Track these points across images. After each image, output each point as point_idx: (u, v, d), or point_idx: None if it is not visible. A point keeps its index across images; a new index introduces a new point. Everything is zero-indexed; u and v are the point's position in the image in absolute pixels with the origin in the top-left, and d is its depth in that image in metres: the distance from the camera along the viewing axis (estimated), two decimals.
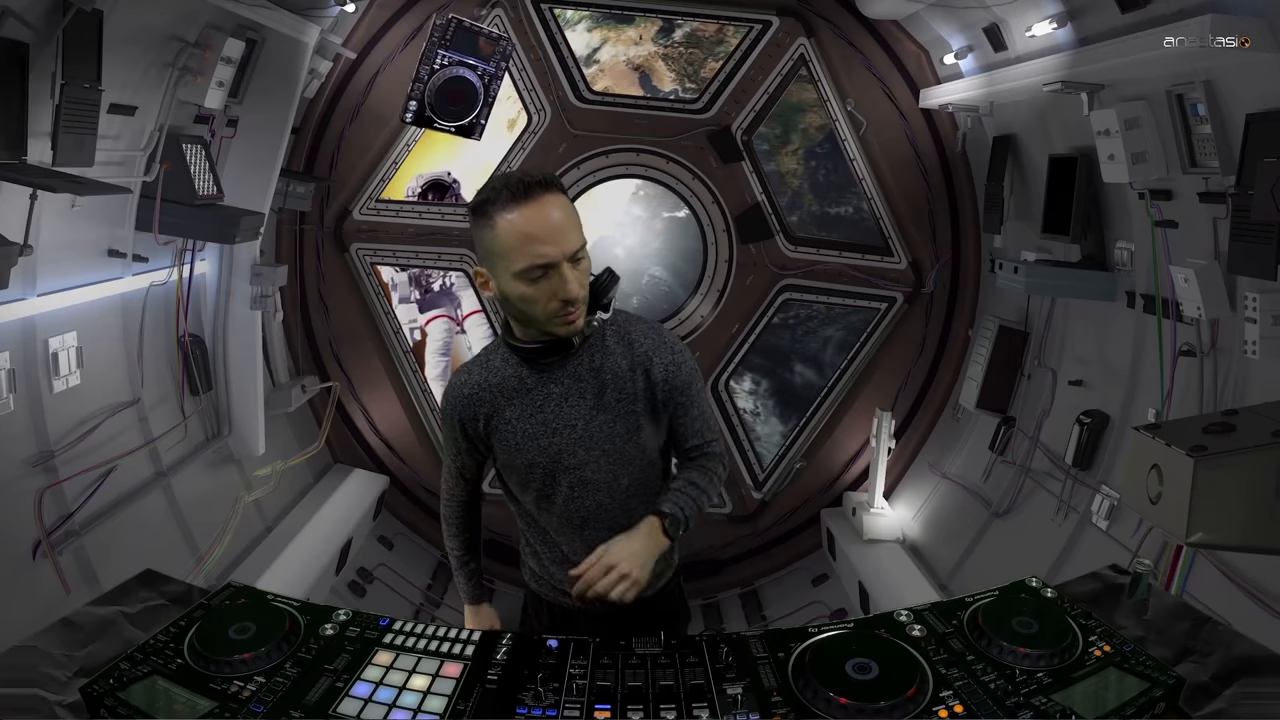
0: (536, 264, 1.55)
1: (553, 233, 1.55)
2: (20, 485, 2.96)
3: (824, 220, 5.75)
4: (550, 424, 1.76)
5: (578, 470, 1.80)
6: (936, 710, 1.24)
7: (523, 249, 1.55)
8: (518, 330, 1.74)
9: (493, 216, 1.57)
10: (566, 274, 1.57)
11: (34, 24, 2.61)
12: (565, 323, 1.64)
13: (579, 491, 1.82)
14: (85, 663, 1.38)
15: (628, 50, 5.67)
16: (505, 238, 1.56)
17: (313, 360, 5.48)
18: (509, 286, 1.61)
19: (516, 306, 1.64)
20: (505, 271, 1.59)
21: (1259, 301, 2.74)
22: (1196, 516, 2.04)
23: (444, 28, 4.43)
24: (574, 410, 1.75)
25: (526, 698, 1.30)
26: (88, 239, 3.35)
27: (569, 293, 1.58)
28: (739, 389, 6.03)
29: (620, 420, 1.75)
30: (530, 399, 1.77)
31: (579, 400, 1.75)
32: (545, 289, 1.58)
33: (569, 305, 1.60)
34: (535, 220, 1.54)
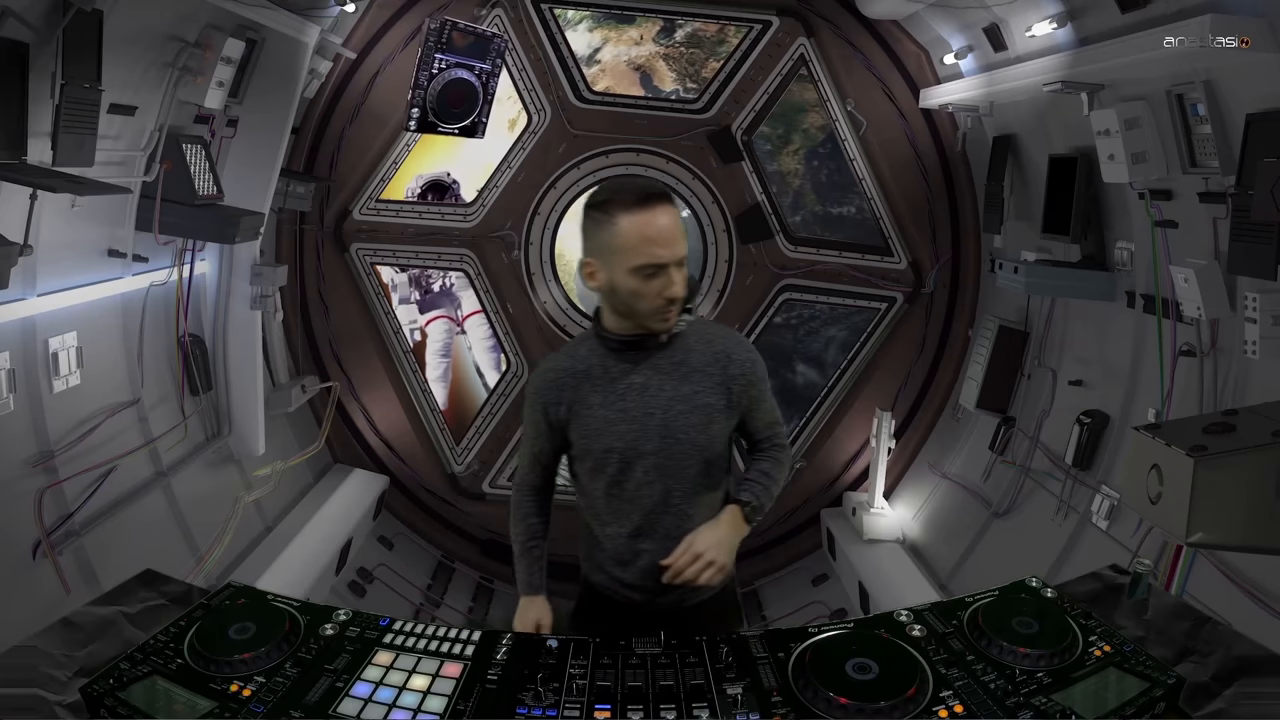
0: (652, 263, 1.72)
1: (668, 239, 1.72)
2: (20, 485, 2.96)
3: (827, 220, 5.74)
4: (630, 412, 1.87)
5: (652, 456, 1.89)
6: (936, 710, 1.24)
7: (641, 249, 1.71)
8: (612, 323, 1.88)
9: (614, 215, 1.73)
10: (674, 276, 1.75)
11: (34, 24, 2.61)
12: (664, 319, 1.81)
13: (651, 477, 1.90)
14: (85, 663, 1.38)
15: (629, 50, 5.67)
16: (626, 236, 1.72)
17: (313, 360, 5.48)
18: (621, 280, 1.76)
19: (624, 300, 1.80)
20: (620, 266, 1.74)
21: (1259, 301, 2.74)
22: (1196, 516, 2.04)
23: (438, 31, 4.42)
24: (654, 400, 1.87)
25: (526, 698, 1.30)
26: (88, 239, 3.35)
27: (675, 292, 1.76)
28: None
29: (696, 411, 1.87)
30: (614, 388, 1.89)
31: (659, 391, 1.87)
32: (654, 287, 1.74)
33: (671, 304, 1.78)
34: (654, 225, 1.72)
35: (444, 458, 5.78)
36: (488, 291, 5.66)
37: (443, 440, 5.78)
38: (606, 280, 1.79)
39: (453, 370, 6.24)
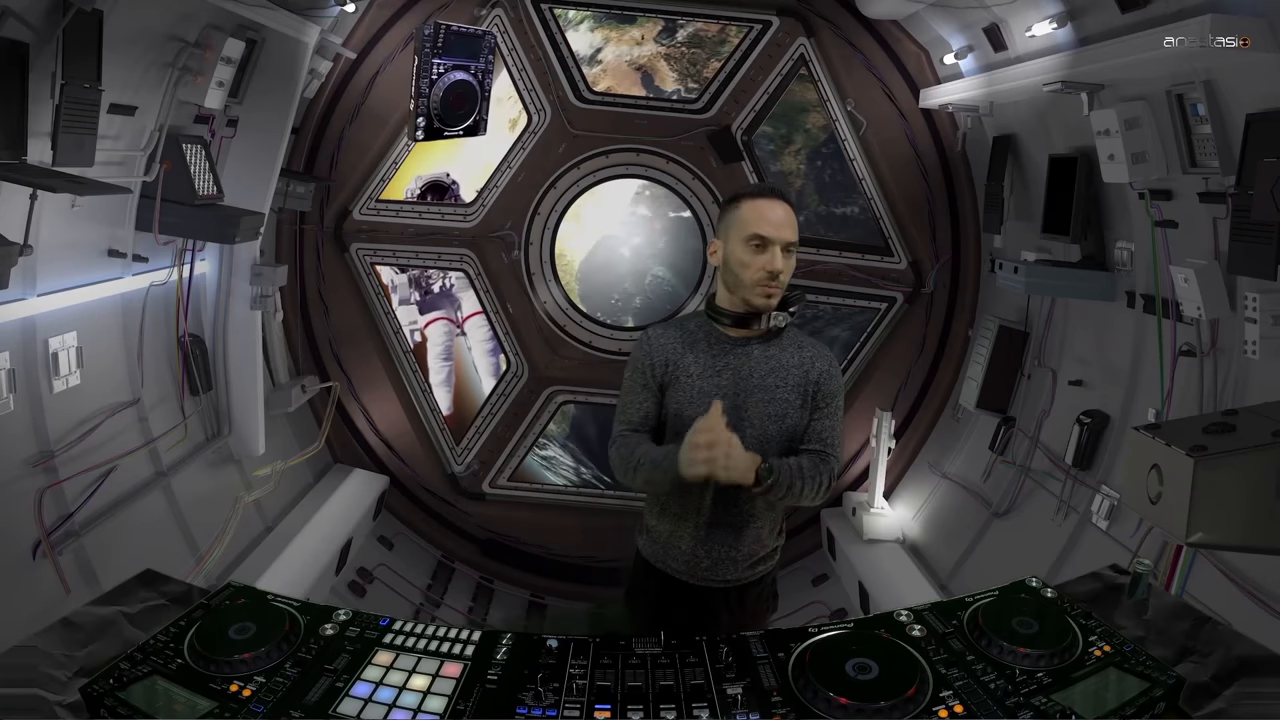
0: (760, 234, 2.01)
1: (776, 221, 2.03)
2: (20, 485, 2.96)
3: (830, 220, 5.73)
4: (723, 387, 2.08)
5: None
6: (936, 710, 1.24)
7: (753, 223, 2.03)
8: (723, 298, 2.14)
9: (741, 201, 2.08)
10: (777, 253, 2.01)
11: (34, 24, 2.61)
12: (765, 294, 2.04)
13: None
14: (85, 663, 1.38)
15: (630, 50, 5.67)
16: (745, 214, 2.05)
17: (313, 360, 5.48)
18: (734, 251, 2.05)
19: (733, 270, 2.06)
20: (736, 238, 2.04)
21: (1259, 301, 2.74)
22: (1196, 516, 2.04)
23: (432, 37, 4.42)
24: (744, 383, 2.08)
25: (526, 698, 1.30)
26: (88, 239, 3.35)
27: (775, 265, 2.00)
28: None
29: (776, 403, 2.07)
30: (713, 360, 2.10)
31: (748, 376, 2.08)
32: (760, 259, 2.02)
33: (772, 278, 2.01)
34: (768, 209, 2.05)
35: (444, 458, 5.78)
36: (488, 291, 5.66)
37: (443, 440, 5.78)
38: (723, 254, 2.09)
39: (455, 374, 6.22)
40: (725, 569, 2.16)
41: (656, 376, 2.12)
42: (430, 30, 4.38)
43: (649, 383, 2.13)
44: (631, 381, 2.16)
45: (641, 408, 2.14)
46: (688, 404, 2.08)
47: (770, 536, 2.22)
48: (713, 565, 2.15)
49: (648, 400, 2.14)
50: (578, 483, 6.08)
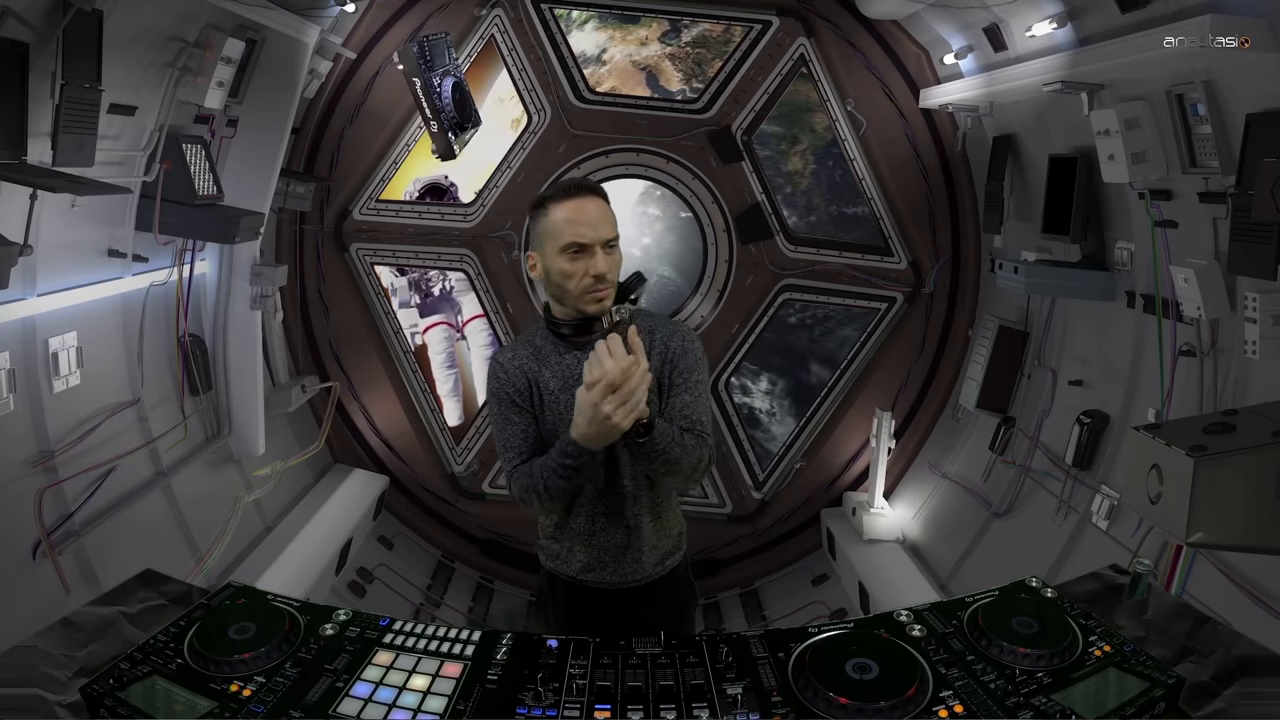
0: (576, 242, 1.88)
1: (590, 222, 1.90)
2: (20, 485, 2.96)
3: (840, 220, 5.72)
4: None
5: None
6: (936, 710, 1.24)
7: (566, 230, 1.89)
8: (556, 310, 2.03)
9: (547, 207, 1.94)
10: (598, 254, 1.89)
11: (34, 24, 2.61)
12: (595, 299, 1.92)
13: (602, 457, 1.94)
14: (85, 663, 1.38)
15: (635, 50, 5.67)
16: (554, 222, 1.91)
17: (313, 360, 5.48)
18: (552, 262, 1.92)
19: (556, 281, 1.95)
20: (552, 249, 1.92)
21: (1259, 301, 2.74)
22: (1196, 516, 2.04)
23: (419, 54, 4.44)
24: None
25: (526, 698, 1.30)
26: (88, 239, 3.35)
27: (599, 269, 1.89)
28: (755, 389, 6.04)
29: None
30: (568, 372, 1.99)
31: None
32: (580, 266, 1.89)
33: (599, 282, 1.90)
34: (578, 210, 1.91)
35: (444, 458, 5.78)
36: (487, 291, 5.66)
37: (443, 440, 5.78)
38: (543, 267, 1.97)
39: (462, 381, 6.22)
40: (630, 568, 2.06)
41: (524, 397, 1.99)
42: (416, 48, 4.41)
43: (519, 405, 1.99)
44: (500, 413, 2.01)
45: (525, 433, 2.00)
46: (559, 422, 1.95)
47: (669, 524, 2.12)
48: (617, 566, 2.06)
49: (525, 423, 2.00)
50: None
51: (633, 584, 2.09)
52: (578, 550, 2.08)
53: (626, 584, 2.08)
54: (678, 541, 2.17)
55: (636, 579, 2.09)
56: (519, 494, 2.00)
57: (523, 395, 1.99)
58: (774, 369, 6.06)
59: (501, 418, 2.02)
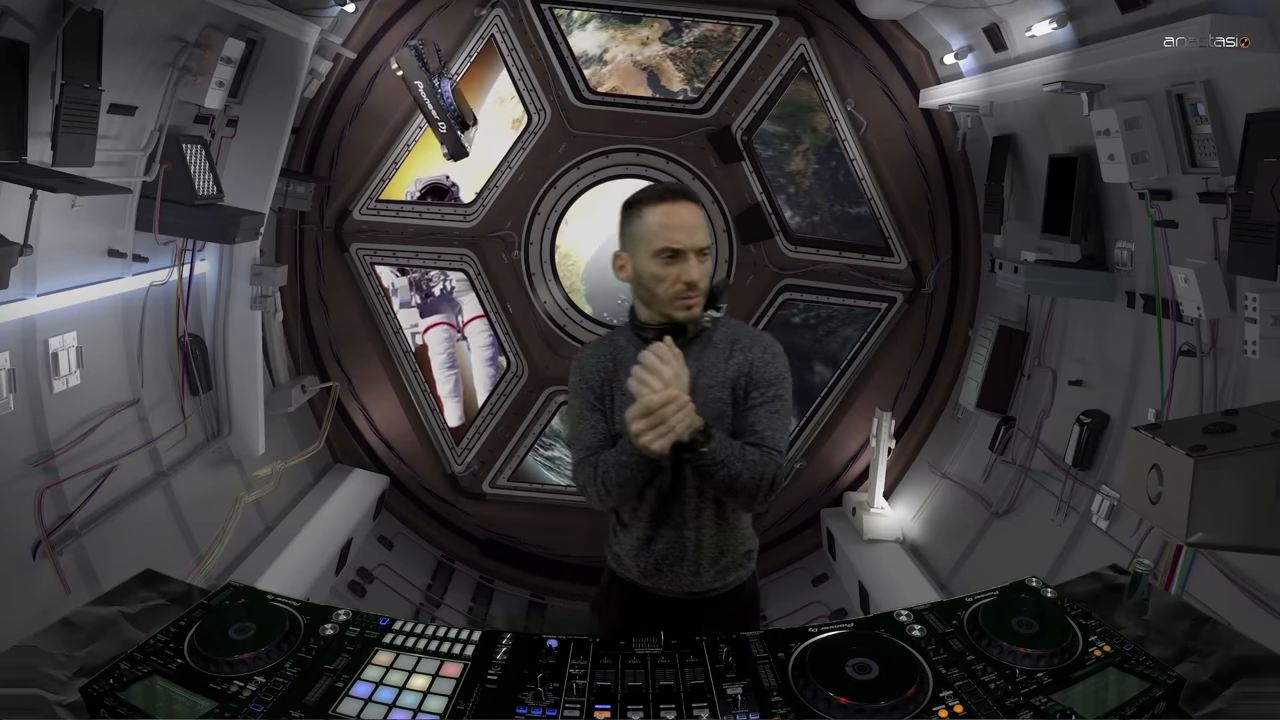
0: (670, 247, 1.86)
1: (686, 227, 1.87)
2: (20, 485, 2.96)
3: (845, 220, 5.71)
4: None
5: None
6: (936, 710, 1.24)
7: (661, 234, 1.87)
8: (642, 313, 2.01)
9: (642, 208, 1.91)
10: (692, 261, 1.87)
11: (34, 24, 2.61)
12: (685, 306, 1.90)
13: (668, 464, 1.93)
14: (85, 663, 1.38)
15: (636, 50, 5.67)
16: (648, 225, 1.89)
17: (313, 360, 5.48)
18: (644, 266, 1.90)
19: (646, 285, 1.92)
20: (644, 253, 1.89)
21: (1259, 301, 2.74)
22: (1196, 516, 2.04)
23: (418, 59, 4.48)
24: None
25: (526, 698, 1.30)
26: (88, 239, 3.35)
27: (691, 276, 1.87)
28: None
29: (710, 405, 1.92)
30: None
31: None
32: (673, 271, 1.87)
33: (690, 289, 1.88)
34: (674, 215, 1.88)
35: (444, 458, 5.78)
36: (488, 291, 5.66)
37: (443, 440, 5.78)
38: (633, 270, 1.94)
39: (463, 381, 6.23)
40: (689, 579, 2.03)
41: (597, 395, 2.01)
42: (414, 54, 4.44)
43: (593, 403, 2.01)
44: (578, 407, 2.04)
45: (595, 429, 2.01)
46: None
47: (736, 540, 2.09)
48: (680, 576, 2.03)
49: (598, 420, 2.01)
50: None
51: (690, 594, 2.05)
52: (637, 554, 2.06)
53: (683, 593, 2.05)
54: (743, 559, 2.13)
55: (694, 590, 2.05)
56: (582, 484, 2.00)
57: (596, 394, 2.00)
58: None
59: (576, 412, 2.05)
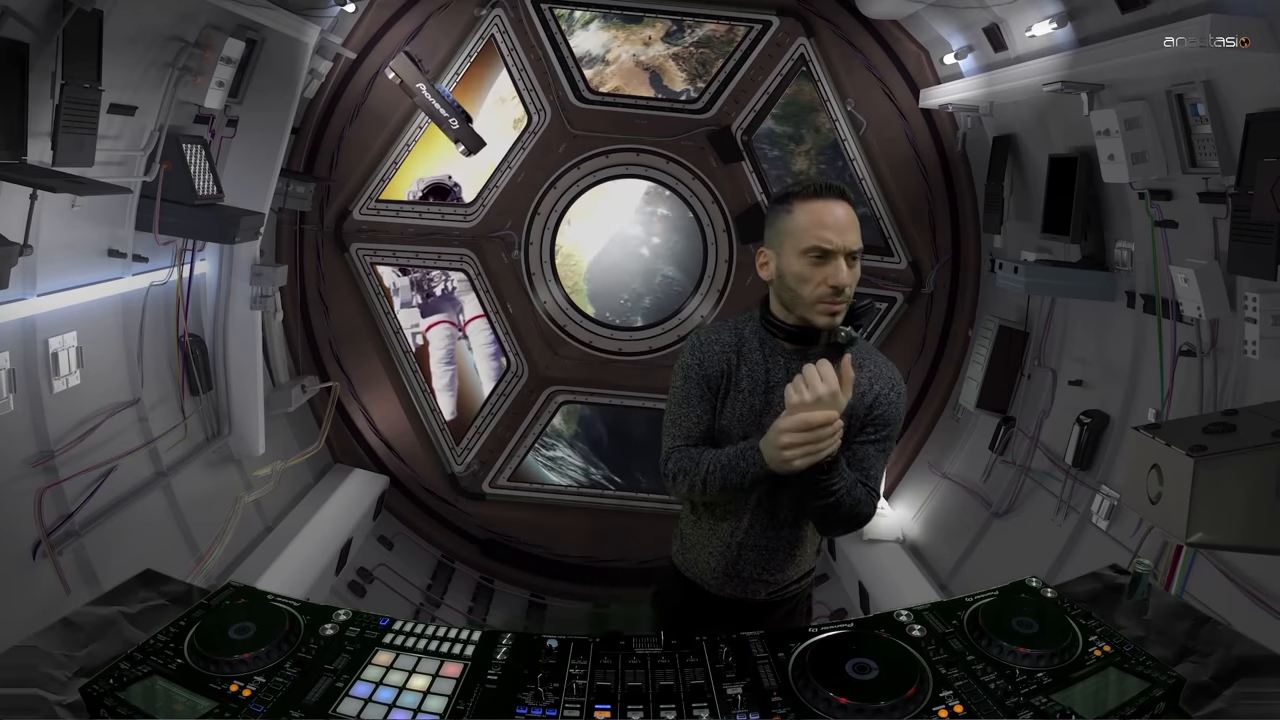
0: (820, 245, 1.75)
1: (838, 227, 1.76)
2: (20, 485, 2.96)
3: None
4: (773, 404, 1.86)
5: None
6: (936, 710, 1.24)
7: (811, 231, 1.76)
8: (778, 311, 1.89)
9: (793, 203, 1.81)
10: (841, 265, 1.76)
11: (34, 24, 2.61)
12: (827, 310, 1.78)
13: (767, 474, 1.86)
14: (85, 663, 1.38)
15: (639, 50, 5.67)
16: (800, 220, 1.78)
17: (313, 360, 5.48)
18: (790, 263, 1.79)
19: (789, 285, 1.81)
20: (791, 249, 1.79)
21: (1259, 301, 2.74)
22: (1196, 516, 2.04)
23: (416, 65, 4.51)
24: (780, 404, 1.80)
25: (526, 698, 1.30)
26: (88, 239, 3.35)
27: (840, 280, 1.75)
28: None
29: None
30: (766, 374, 1.89)
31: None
32: (820, 272, 1.76)
33: (836, 294, 1.76)
34: (827, 212, 1.77)
35: (444, 458, 5.78)
36: (487, 291, 5.66)
37: (443, 440, 5.78)
38: (776, 267, 1.84)
39: (459, 378, 6.23)
40: (756, 586, 2.03)
41: (712, 385, 1.91)
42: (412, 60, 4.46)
43: (705, 392, 1.91)
44: (685, 390, 1.92)
45: (700, 419, 1.91)
46: (735, 421, 1.89)
47: (806, 557, 2.07)
48: (743, 581, 2.02)
49: (705, 410, 1.91)
50: (586, 483, 6.07)
51: (745, 600, 2.05)
52: (709, 550, 2.04)
53: (739, 598, 2.05)
54: (802, 578, 2.12)
55: (749, 597, 2.05)
56: (674, 470, 1.90)
57: (714, 382, 1.91)
58: None
59: (684, 394, 1.93)
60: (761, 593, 2.04)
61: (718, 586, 2.05)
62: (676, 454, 1.91)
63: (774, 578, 2.03)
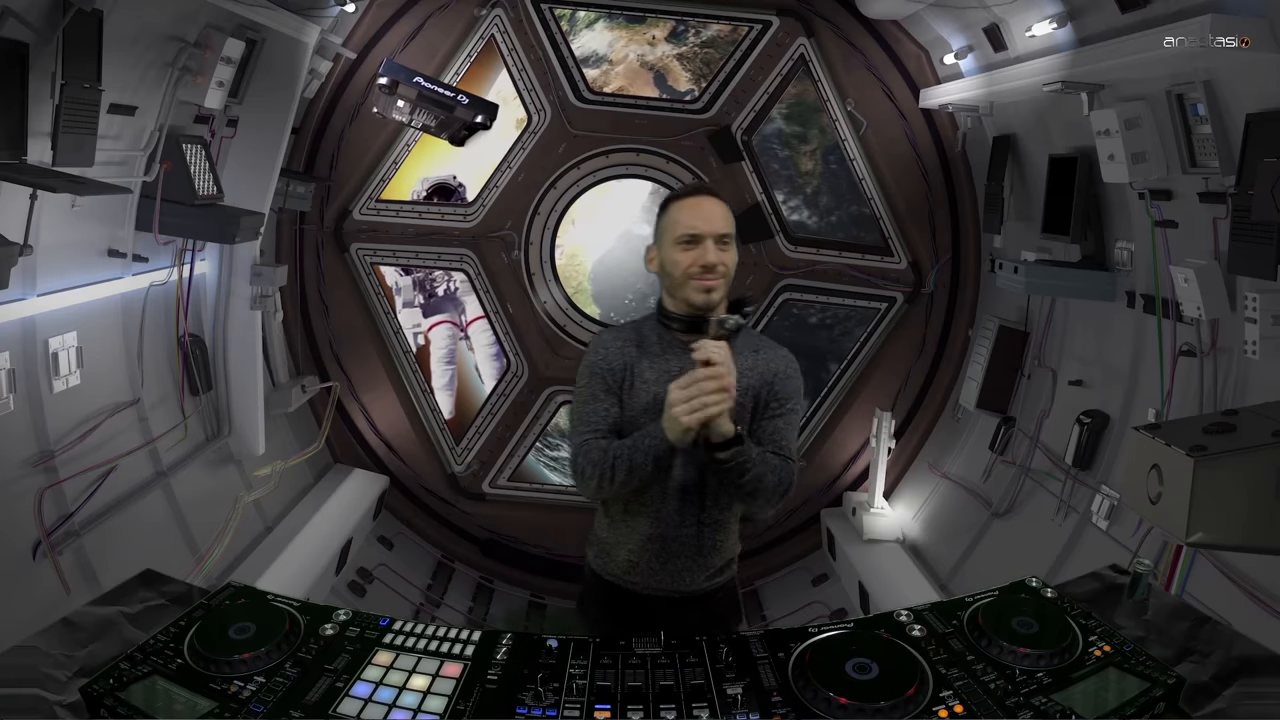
0: (689, 233, 2.00)
1: (705, 216, 2.02)
2: (20, 485, 2.96)
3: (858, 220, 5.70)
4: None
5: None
6: (936, 710, 1.24)
7: (682, 222, 2.02)
8: (668, 303, 2.10)
9: (669, 205, 2.08)
10: (710, 246, 1.99)
11: (34, 24, 2.61)
12: (702, 288, 1.99)
13: (683, 459, 2.00)
14: (85, 663, 1.38)
15: (644, 50, 5.67)
16: (674, 216, 2.04)
17: (313, 360, 5.48)
18: (667, 253, 2.04)
19: (669, 271, 2.04)
20: (669, 241, 2.03)
21: (1259, 301, 2.74)
22: (1196, 516, 2.04)
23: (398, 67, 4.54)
24: None
25: (526, 698, 1.30)
26: (88, 239, 3.35)
27: (708, 258, 1.98)
28: None
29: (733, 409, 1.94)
30: (668, 364, 2.04)
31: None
32: (691, 255, 1.99)
33: (707, 271, 1.99)
34: (695, 205, 2.04)
35: (444, 458, 5.78)
36: (488, 291, 5.66)
37: (443, 440, 5.78)
38: (660, 260, 2.07)
39: (459, 379, 6.22)
40: (681, 578, 2.07)
41: (616, 378, 2.03)
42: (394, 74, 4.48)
43: (609, 386, 2.04)
44: (590, 387, 2.04)
45: (607, 413, 2.02)
46: (641, 412, 1.99)
47: (728, 544, 2.13)
48: (668, 575, 2.06)
49: (610, 404, 2.02)
50: None
51: (674, 594, 2.08)
52: (628, 548, 2.08)
53: (667, 593, 2.08)
54: (727, 565, 2.17)
55: (678, 590, 2.08)
56: (583, 464, 1.98)
57: (615, 377, 2.04)
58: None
59: (589, 391, 2.05)
60: (687, 584, 2.08)
61: (643, 584, 2.09)
62: (585, 447, 2.00)
63: (698, 566, 2.07)
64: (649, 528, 2.04)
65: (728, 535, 2.11)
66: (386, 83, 4.62)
